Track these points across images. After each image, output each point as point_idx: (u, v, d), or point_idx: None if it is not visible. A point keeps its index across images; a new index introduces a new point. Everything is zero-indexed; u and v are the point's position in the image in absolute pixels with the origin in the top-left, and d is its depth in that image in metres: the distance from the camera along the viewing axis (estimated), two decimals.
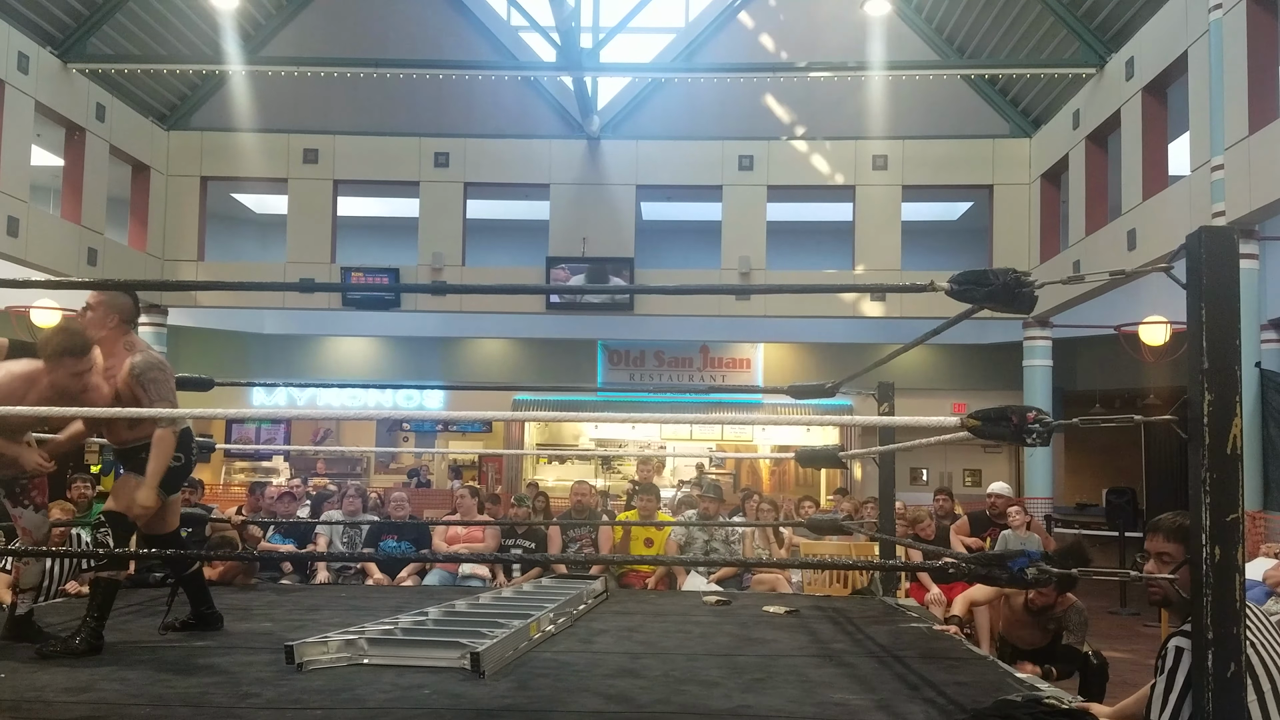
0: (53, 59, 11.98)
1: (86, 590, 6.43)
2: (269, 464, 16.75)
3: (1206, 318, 2.59)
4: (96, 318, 4.35)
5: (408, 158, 14.37)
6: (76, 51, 12.28)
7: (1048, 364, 13.79)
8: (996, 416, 2.86)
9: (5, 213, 11.02)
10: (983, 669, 4.15)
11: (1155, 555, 3.28)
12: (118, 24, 12.74)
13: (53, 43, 12.09)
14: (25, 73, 11.36)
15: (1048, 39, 12.73)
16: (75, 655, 4.06)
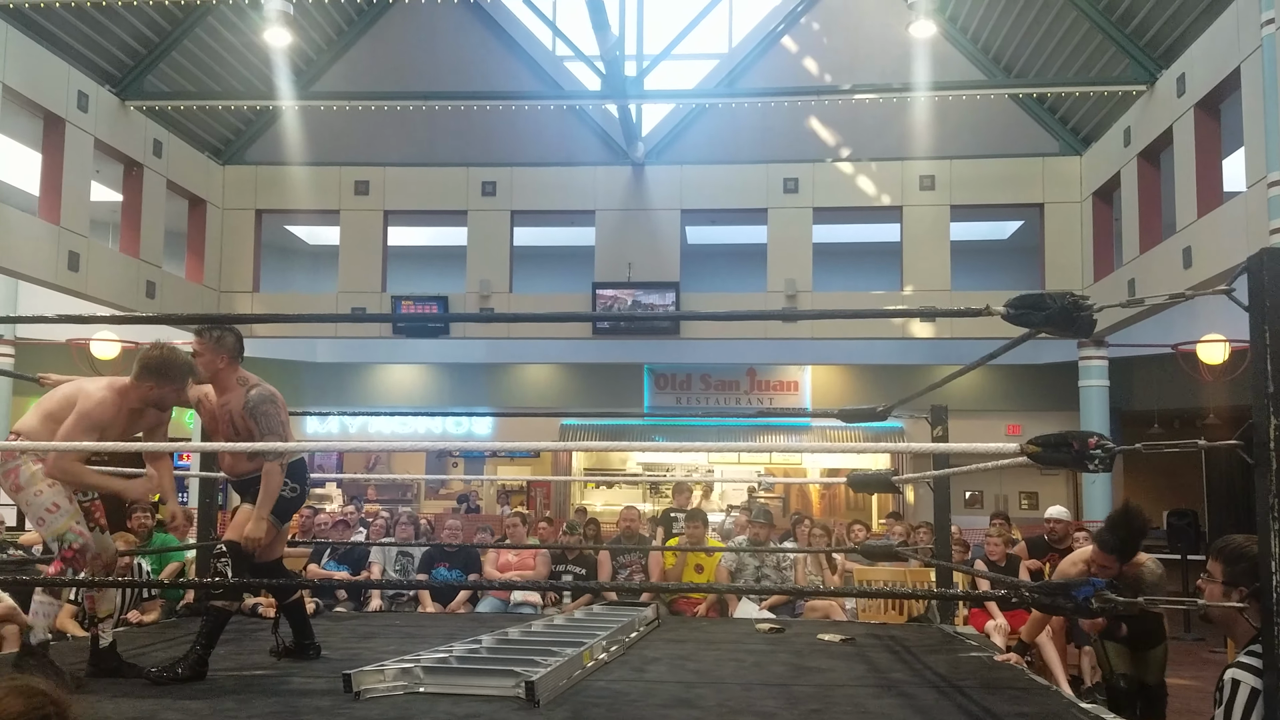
0: (111, 97, 12.31)
1: (148, 619, 6.56)
2: (322, 490, 16.93)
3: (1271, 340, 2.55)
4: (206, 360, 4.59)
5: (456, 187, 14.54)
6: (134, 89, 12.60)
7: (1104, 384, 13.54)
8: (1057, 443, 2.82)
9: (66, 247, 11.31)
10: (1046, 700, 4.07)
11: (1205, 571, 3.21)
12: (174, 62, 13.07)
13: (111, 81, 12.42)
14: (85, 111, 11.68)
15: (1096, 56, 12.61)
16: (180, 681, 4.17)
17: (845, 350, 15.91)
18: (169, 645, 5.34)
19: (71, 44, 11.71)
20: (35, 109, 11.12)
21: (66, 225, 11.34)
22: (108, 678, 4.28)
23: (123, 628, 6.26)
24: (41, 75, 11.04)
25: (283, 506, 4.58)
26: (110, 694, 3.97)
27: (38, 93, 10.96)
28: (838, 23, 14.96)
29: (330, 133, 14.57)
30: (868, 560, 7.43)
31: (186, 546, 7.24)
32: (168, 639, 5.56)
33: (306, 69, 14.70)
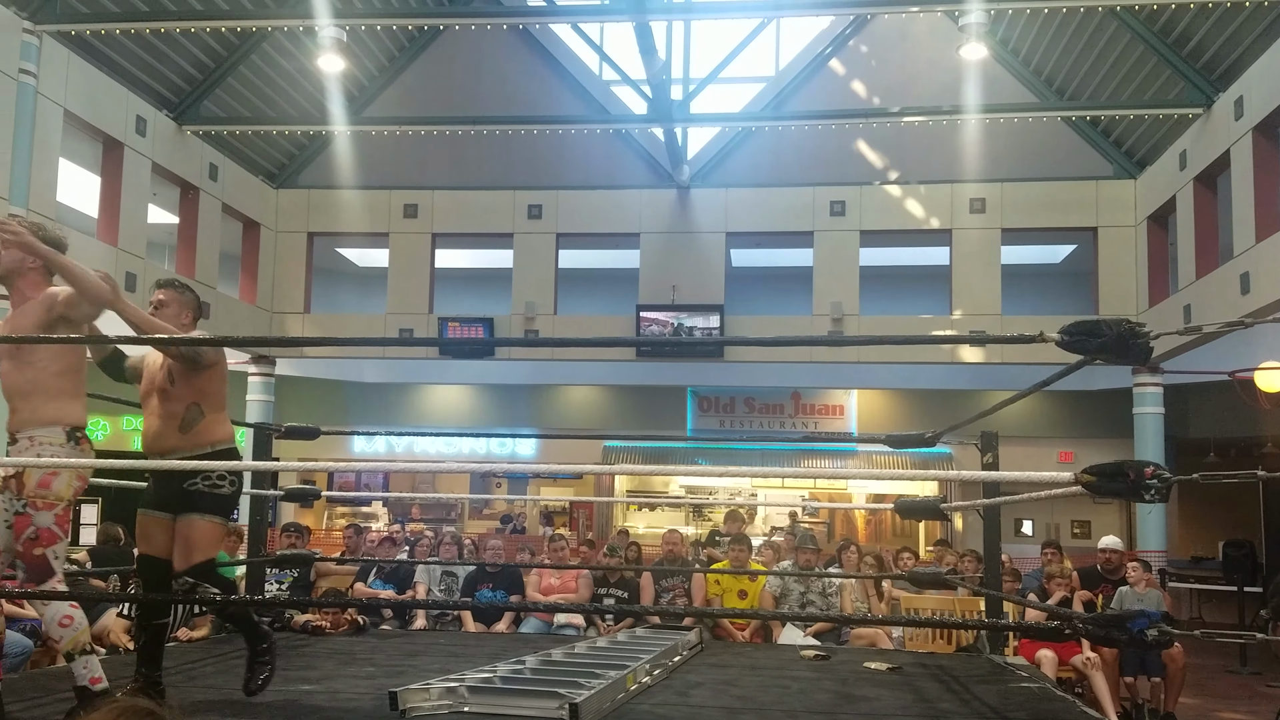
0: (168, 122, 12.58)
1: (197, 636, 6.64)
2: (368, 509, 17.08)
3: None
4: (171, 313, 4.26)
5: (502, 210, 14.67)
6: (191, 114, 12.88)
7: (1159, 411, 13.28)
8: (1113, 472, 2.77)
9: (124, 269, 11.54)
10: None
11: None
12: (229, 88, 13.34)
13: (169, 106, 12.70)
14: (143, 135, 11.95)
15: (1151, 79, 12.45)
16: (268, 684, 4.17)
17: (892, 374, 15.78)
18: (218, 661, 5.40)
19: (130, 70, 12.00)
20: (95, 133, 11.40)
21: (124, 247, 11.59)
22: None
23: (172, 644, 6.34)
24: (101, 100, 11.32)
25: (225, 505, 4.13)
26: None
27: (97, 117, 11.24)
28: (887, 46, 14.93)
29: (381, 157, 14.78)
30: (915, 588, 7.33)
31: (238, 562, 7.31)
32: (216, 655, 5.61)
33: (359, 95, 14.94)
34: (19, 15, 10.02)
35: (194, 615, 6.96)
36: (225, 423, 4.25)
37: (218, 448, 4.16)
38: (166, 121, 12.53)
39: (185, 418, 4.10)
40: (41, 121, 10.27)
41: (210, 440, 4.14)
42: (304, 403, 16.04)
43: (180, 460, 4.04)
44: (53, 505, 3.74)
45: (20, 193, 9.89)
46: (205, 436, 4.13)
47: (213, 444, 4.15)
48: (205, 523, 4.06)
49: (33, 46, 10.10)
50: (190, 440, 4.11)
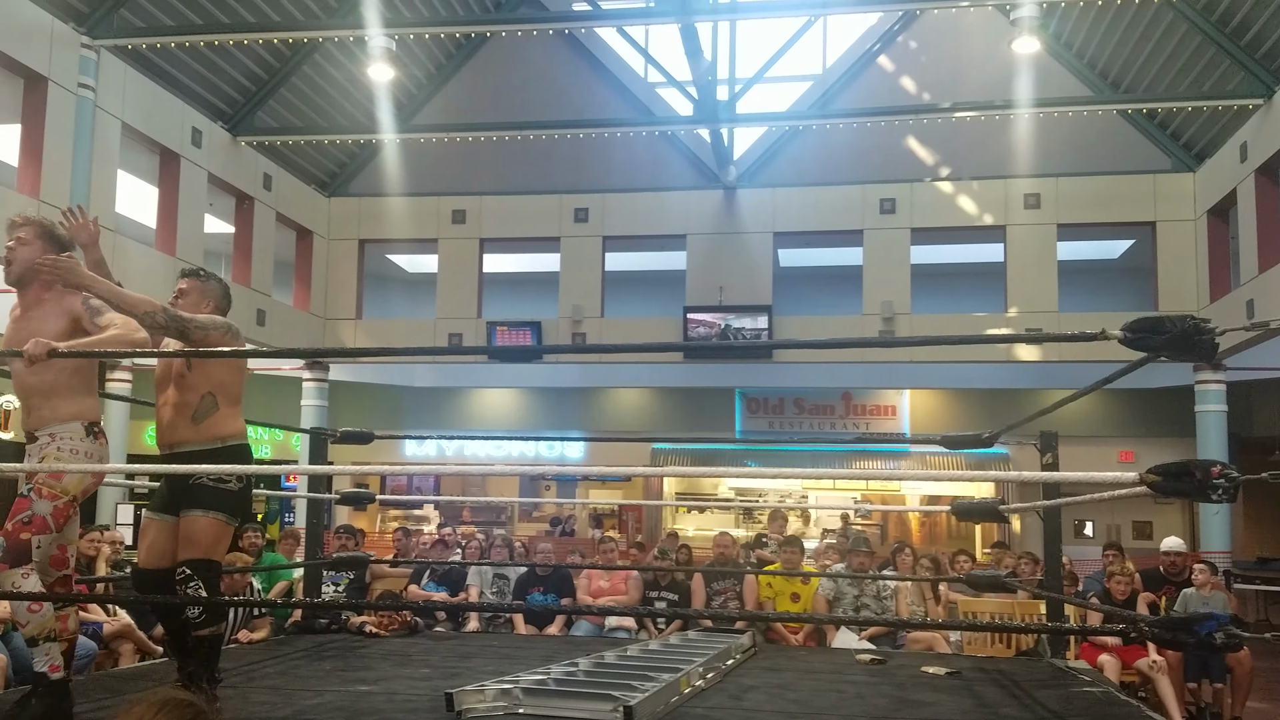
0: (223, 133, 12.80)
1: (257, 638, 6.73)
2: (420, 512, 17.24)
3: None
4: (190, 302, 4.13)
5: (549, 214, 14.73)
6: (245, 125, 13.10)
7: (1222, 409, 12.95)
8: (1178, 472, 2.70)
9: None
10: None
11: None
12: (282, 99, 13.55)
13: (223, 118, 12.92)
14: (199, 146, 12.18)
15: (1209, 70, 12.17)
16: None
17: (945, 374, 15.58)
18: (278, 662, 5.47)
19: (186, 83, 12.24)
20: (152, 145, 11.64)
21: (181, 256, 11.80)
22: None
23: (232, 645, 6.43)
24: (158, 113, 11.57)
25: (233, 503, 3.96)
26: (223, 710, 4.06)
27: (154, 130, 11.48)
28: (937, 41, 14.75)
29: (429, 164, 14.92)
30: (973, 591, 7.22)
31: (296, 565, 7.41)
32: (276, 656, 5.69)
33: (407, 103, 15.09)
34: (77, 31, 10.28)
35: (254, 617, 7.06)
36: (238, 418, 4.11)
37: (229, 443, 4.02)
38: (221, 133, 12.75)
39: (199, 408, 3.98)
40: (100, 134, 10.52)
41: (222, 434, 4.01)
42: (357, 407, 16.23)
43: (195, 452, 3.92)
44: (56, 496, 3.70)
45: (80, 204, 10.11)
46: (217, 430, 3.99)
47: (223, 438, 4.01)
48: (207, 519, 3.87)
49: (91, 61, 10.37)
50: (202, 433, 3.98)
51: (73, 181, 10.12)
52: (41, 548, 3.70)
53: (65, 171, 10.05)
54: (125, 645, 6.56)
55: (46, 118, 9.90)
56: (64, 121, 10.08)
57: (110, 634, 6.48)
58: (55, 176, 9.94)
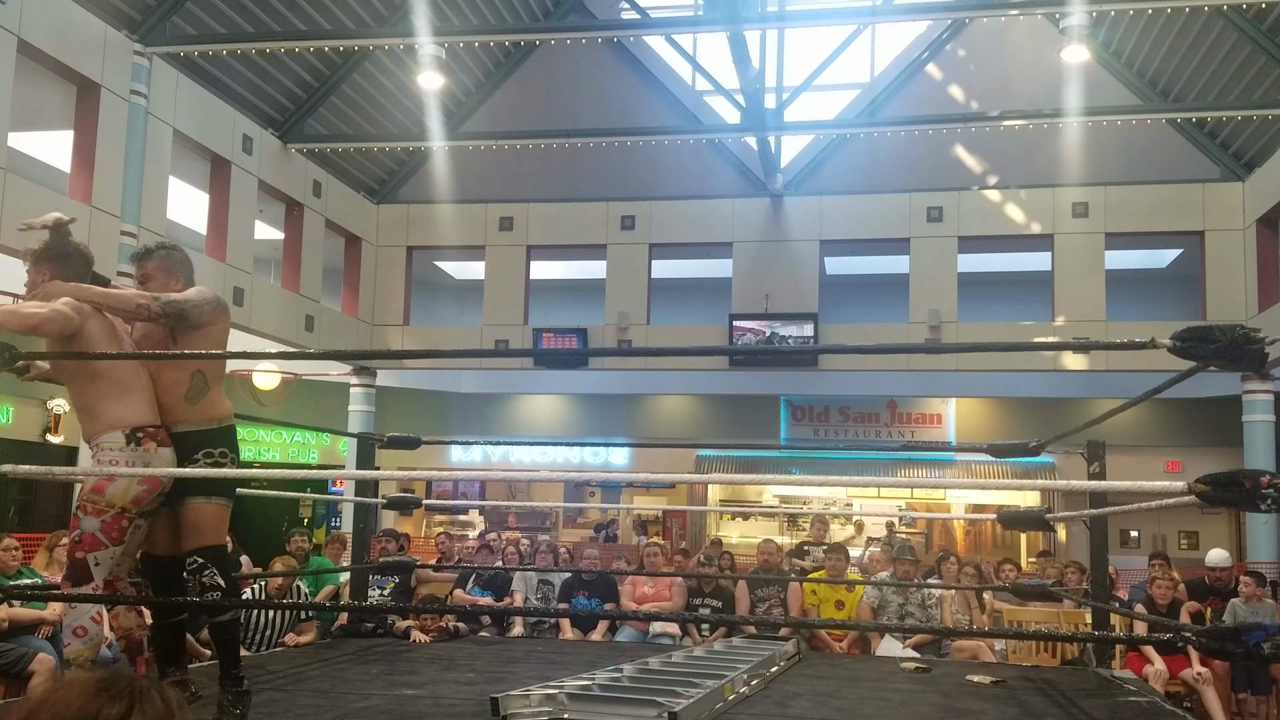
0: (274, 140, 13.02)
1: (304, 641, 6.85)
2: (465, 517, 17.38)
3: None
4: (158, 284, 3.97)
5: (596, 222, 14.82)
6: (295, 133, 13.30)
7: (1270, 419, 12.74)
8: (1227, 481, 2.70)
9: (232, 283, 11.97)
10: None
11: None
12: (332, 106, 13.76)
13: (274, 125, 13.14)
14: (249, 154, 12.39)
15: (1259, 79, 12.00)
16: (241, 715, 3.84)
17: (991, 382, 15.44)
18: (324, 665, 5.56)
19: (237, 90, 12.44)
20: (203, 152, 11.84)
21: (232, 263, 12.02)
22: None
23: (279, 649, 6.55)
24: (209, 120, 11.75)
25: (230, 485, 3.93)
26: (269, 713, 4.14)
27: (205, 136, 11.67)
28: (985, 49, 14.67)
29: (477, 171, 15.07)
30: (1019, 600, 7.18)
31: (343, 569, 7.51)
32: (323, 659, 5.78)
33: (456, 111, 15.26)
34: (130, 38, 10.47)
35: (300, 620, 7.17)
36: (224, 396, 4.01)
37: (224, 423, 3.94)
38: (272, 140, 12.97)
39: (191, 388, 3.87)
40: (152, 141, 10.70)
41: (218, 415, 3.93)
42: (404, 414, 16.40)
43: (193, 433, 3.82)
44: (102, 511, 3.65)
45: (132, 210, 10.35)
46: (213, 410, 3.92)
47: (219, 419, 3.93)
48: (210, 505, 3.82)
49: (143, 68, 10.54)
50: (199, 413, 3.88)
51: (124, 188, 10.29)
52: (101, 564, 3.65)
53: (117, 178, 10.23)
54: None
55: (99, 124, 10.05)
56: (116, 128, 10.25)
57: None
58: (107, 183, 10.12)
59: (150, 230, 10.56)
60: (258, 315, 12.47)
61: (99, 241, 9.85)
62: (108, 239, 9.97)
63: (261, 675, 5.02)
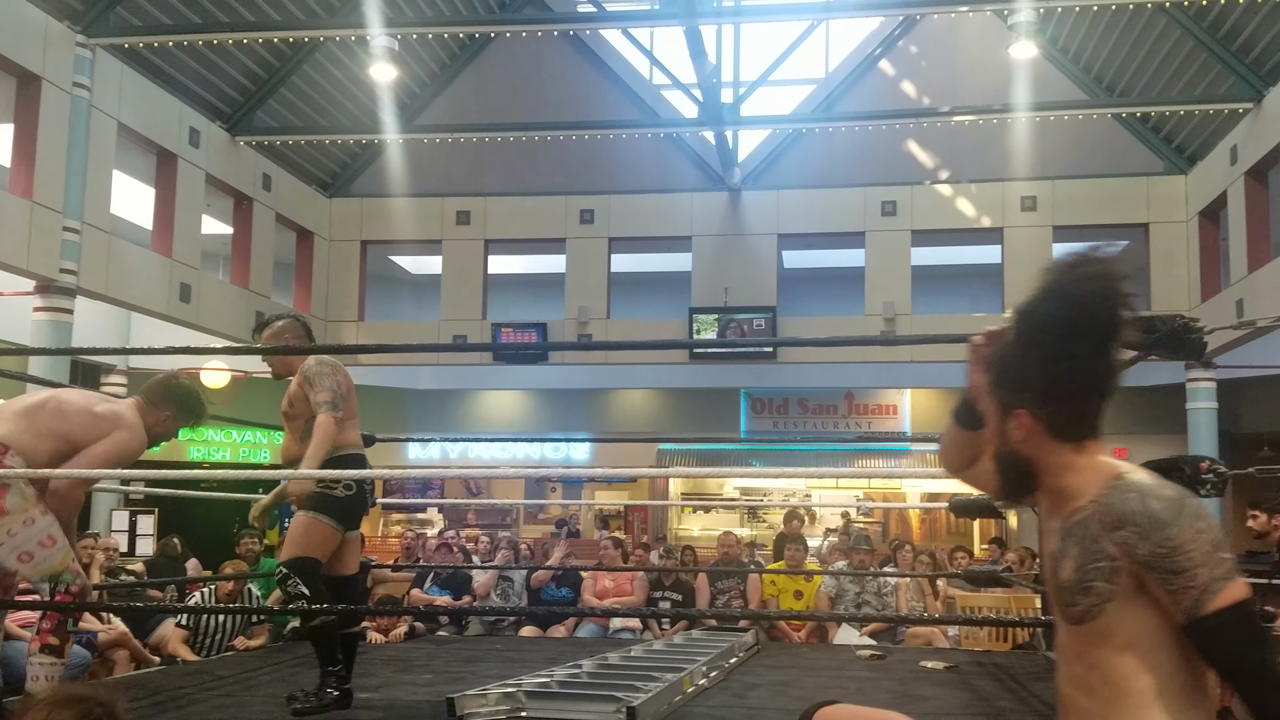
0: (222, 133, 12.79)
1: (254, 644, 6.77)
2: (423, 515, 17.28)
3: None
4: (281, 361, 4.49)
5: (554, 216, 14.78)
6: (244, 125, 13.09)
7: (1212, 406, 13.03)
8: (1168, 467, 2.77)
9: (179, 279, 11.78)
10: None
11: None
12: (282, 98, 13.57)
13: (222, 118, 12.91)
14: (196, 147, 12.15)
15: (1201, 74, 12.25)
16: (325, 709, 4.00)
17: (946, 373, 15.59)
18: (276, 669, 5.51)
19: (183, 82, 12.18)
20: (149, 145, 11.57)
21: (178, 258, 11.81)
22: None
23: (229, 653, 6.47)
24: (154, 113, 11.49)
25: (340, 508, 4.16)
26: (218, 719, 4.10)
27: (151, 129, 11.40)
28: (936, 45, 14.82)
29: (433, 165, 14.96)
30: (971, 586, 7.29)
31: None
32: (275, 663, 5.73)
33: (410, 103, 15.13)
34: (72, 29, 10.18)
35: (251, 623, 7.08)
36: (349, 430, 4.33)
37: (337, 453, 4.19)
38: (220, 132, 12.75)
39: (305, 429, 4.20)
40: (95, 134, 10.44)
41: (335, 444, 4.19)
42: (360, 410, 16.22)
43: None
44: None
45: (75, 205, 10.12)
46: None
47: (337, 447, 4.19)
48: (303, 517, 4.12)
49: (86, 60, 10.27)
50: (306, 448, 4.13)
51: (67, 182, 10.05)
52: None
53: (59, 172, 9.98)
54: (120, 653, 6.58)
55: (40, 117, 9.77)
56: (58, 121, 9.98)
57: (105, 642, 6.50)
58: (49, 177, 9.86)
59: (94, 226, 10.38)
60: (206, 312, 12.28)
61: (40, 237, 9.70)
62: (50, 235, 9.77)
63: (211, 680, 4.97)
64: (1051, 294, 1.81)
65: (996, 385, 1.85)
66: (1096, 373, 1.80)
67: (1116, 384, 1.83)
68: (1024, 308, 1.81)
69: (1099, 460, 1.79)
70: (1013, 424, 1.79)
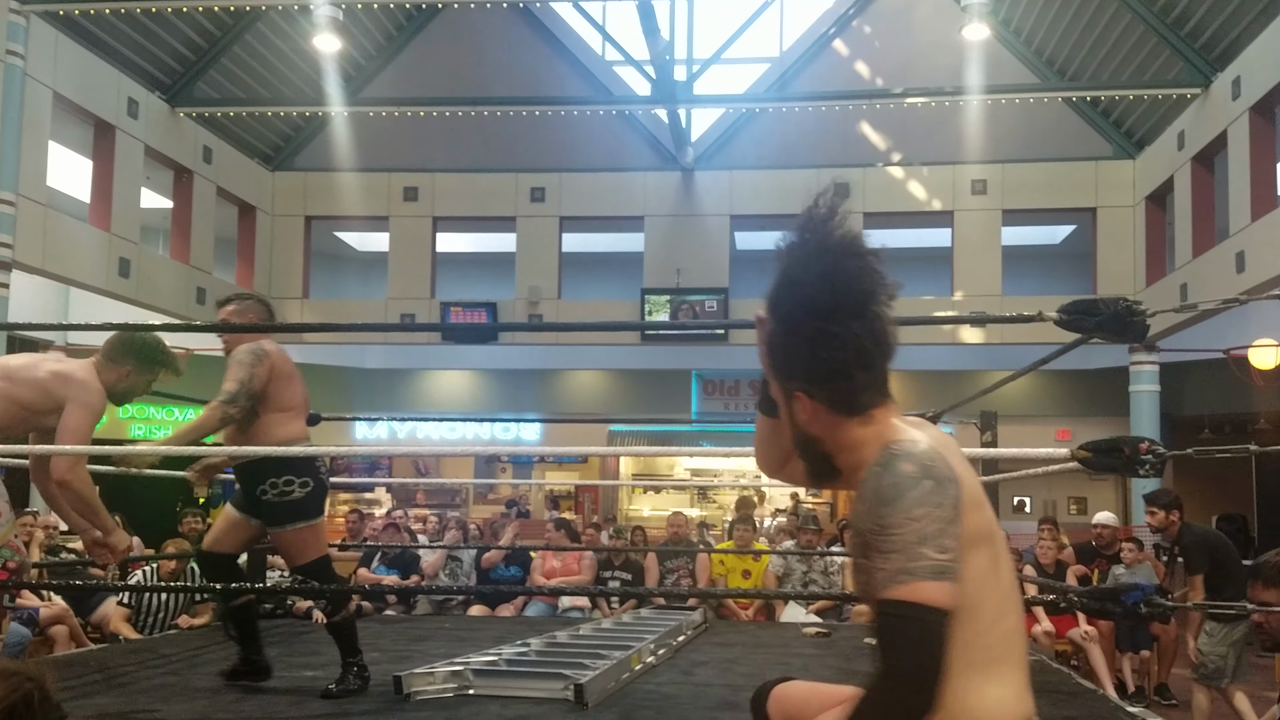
0: (161, 104, 12.49)
1: (198, 623, 6.68)
2: (371, 495, 17.11)
3: None
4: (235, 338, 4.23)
5: (505, 193, 14.64)
6: (184, 96, 12.79)
7: (1154, 389, 13.33)
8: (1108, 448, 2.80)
9: (117, 254, 11.52)
10: (1093, 703, 4.01)
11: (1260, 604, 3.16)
12: (223, 69, 13.28)
13: (161, 88, 12.61)
14: (135, 118, 11.86)
15: (1150, 59, 12.43)
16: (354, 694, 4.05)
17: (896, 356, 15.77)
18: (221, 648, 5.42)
19: (122, 51, 11.88)
20: (86, 116, 11.29)
21: (117, 232, 11.55)
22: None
23: (172, 631, 6.38)
24: (92, 82, 11.21)
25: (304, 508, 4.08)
26: (163, 697, 4.03)
27: (88, 100, 11.12)
28: (889, 26, 14.86)
29: (379, 139, 14.74)
30: None
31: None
32: (219, 642, 5.63)
33: (356, 75, 14.88)
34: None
35: (195, 602, 6.99)
36: (288, 423, 4.15)
37: (283, 448, 4.06)
38: (159, 103, 12.44)
39: (243, 419, 4.07)
40: (30, 104, 10.16)
41: (269, 441, 4.06)
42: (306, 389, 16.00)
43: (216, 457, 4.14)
44: None
45: (9, 177, 9.84)
46: (263, 437, 4.06)
47: (273, 444, 4.06)
48: (289, 533, 4.08)
49: (20, 27, 9.98)
50: (248, 440, 4.07)
51: (1, 154, 9.78)
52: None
53: None
54: (60, 630, 6.48)
55: None
56: None
57: (46, 619, 6.39)
58: None
59: (29, 199, 10.10)
60: (145, 287, 12.03)
61: None
62: None
63: (154, 659, 4.89)
64: (790, 278, 1.77)
65: (772, 371, 1.80)
66: (859, 343, 1.73)
67: (890, 346, 1.78)
68: (771, 294, 1.77)
69: (883, 428, 1.73)
70: (796, 407, 1.74)
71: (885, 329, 1.75)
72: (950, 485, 1.59)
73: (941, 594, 1.54)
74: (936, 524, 1.54)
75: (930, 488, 1.57)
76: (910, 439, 1.66)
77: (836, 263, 1.73)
